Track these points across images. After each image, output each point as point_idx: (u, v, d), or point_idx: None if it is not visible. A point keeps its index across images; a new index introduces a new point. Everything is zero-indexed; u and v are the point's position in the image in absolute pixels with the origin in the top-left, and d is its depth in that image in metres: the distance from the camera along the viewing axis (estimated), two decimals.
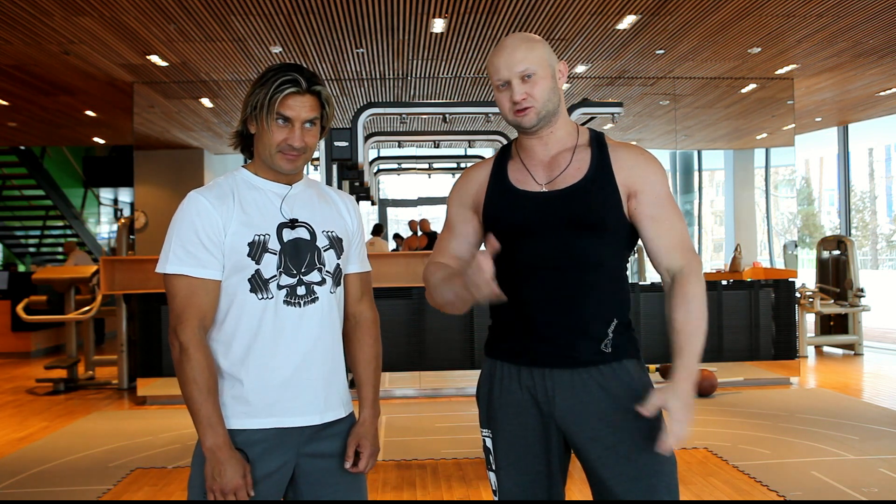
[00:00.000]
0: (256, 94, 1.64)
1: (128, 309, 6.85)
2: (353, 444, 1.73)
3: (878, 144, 24.12)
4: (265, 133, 1.65)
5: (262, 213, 1.66)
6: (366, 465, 1.73)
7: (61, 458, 4.54)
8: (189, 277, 1.60)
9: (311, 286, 1.67)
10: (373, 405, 1.79)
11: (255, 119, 1.66)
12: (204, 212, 1.62)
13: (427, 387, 6.37)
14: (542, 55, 1.65)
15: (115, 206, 16.73)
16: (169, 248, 1.62)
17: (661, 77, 8.53)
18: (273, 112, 1.63)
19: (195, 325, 1.60)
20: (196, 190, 1.67)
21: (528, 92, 1.64)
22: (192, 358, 1.58)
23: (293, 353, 1.65)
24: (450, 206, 1.82)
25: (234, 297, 1.63)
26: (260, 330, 1.63)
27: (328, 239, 1.71)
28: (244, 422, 1.63)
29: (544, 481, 1.67)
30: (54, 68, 7.57)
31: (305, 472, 1.68)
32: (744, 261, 8.20)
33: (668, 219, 1.66)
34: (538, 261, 1.63)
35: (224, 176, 1.71)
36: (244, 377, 1.63)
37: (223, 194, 1.65)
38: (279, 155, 1.65)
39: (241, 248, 1.62)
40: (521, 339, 1.65)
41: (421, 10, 6.14)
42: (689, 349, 1.59)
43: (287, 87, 1.62)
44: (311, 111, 1.65)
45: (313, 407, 1.67)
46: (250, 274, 1.62)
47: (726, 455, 4.31)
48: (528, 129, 1.68)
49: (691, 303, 1.61)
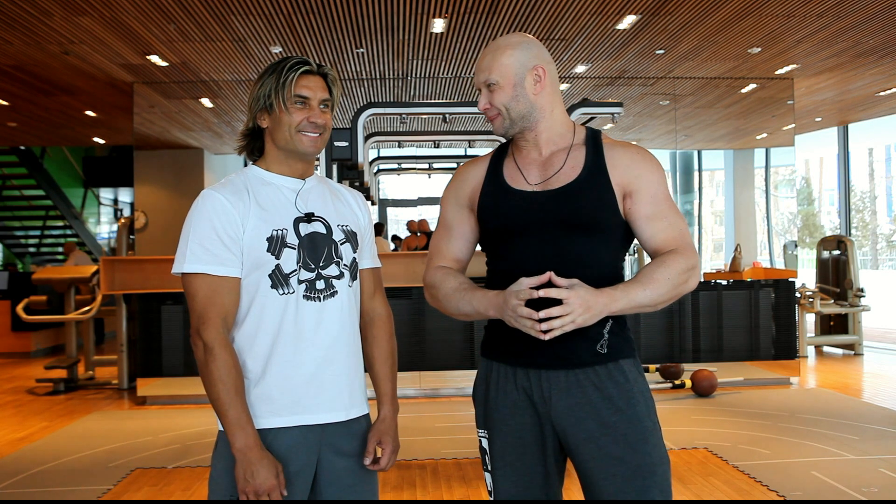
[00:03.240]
0: (266, 84, 1.64)
1: (128, 309, 6.85)
2: (373, 441, 1.72)
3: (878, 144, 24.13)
4: (283, 116, 1.64)
5: (277, 208, 1.64)
6: (387, 463, 1.73)
7: (61, 458, 4.54)
8: (210, 276, 1.58)
9: (330, 280, 1.66)
10: (392, 401, 1.78)
11: (268, 108, 1.65)
12: (221, 209, 1.59)
13: (427, 387, 6.37)
14: (507, 63, 1.65)
15: (115, 206, 16.73)
16: (186, 246, 1.59)
17: (661, 77, 8.53)
18: (290, 93, 1.63)
19: (219, 324, 1.57)
20: (210, 187, 1.65)
21: (490, 102, 1.67)
22: (217, 357, 1.56)
23: (316, 349, 1.64)
24: (445, 204, 1.81)
25: (256, 295, 1.61)
26: (282, 326, 1.61)
27: (344, 233, 1.70)
28: (270, 420, 1.61)
29: (540, 482, 1.67)
30: (54, 68, 7.57)
31: (325, 469, 1.66)
32: (744, 261, 8.21)
33: (665, 217, 1.65)
34: (532, 261, 1.62)
35: (235, 174, 1.69)
36: (268, 375, 1.61)
37: (238, 190, 1.63)
38: (300, 135, 1.65)
39: (261, 244, 1.60)
40: (517, 341, 1.64)
41: (421, 10, 6.14)
42: (631, 286, 1.57)
43: (300, 67, 1.64)
44: (325, 91, 1.67)
45: (338, 403, 1.66)
46: (270, 269, 1.61)
47: (726, 455, 4.31)
48: (500, 135, 1.71)
49: (664, 264, 1.60)
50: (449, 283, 1.69)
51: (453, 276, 1.71)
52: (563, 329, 1.50)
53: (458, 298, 1.66)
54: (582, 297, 1.50)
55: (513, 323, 1.55)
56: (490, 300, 1.60)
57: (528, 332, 1.52)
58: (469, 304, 1.64)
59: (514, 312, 1.53)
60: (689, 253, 1.63)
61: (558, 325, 1.50)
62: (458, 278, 1.70)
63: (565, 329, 1.50)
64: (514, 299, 1.53)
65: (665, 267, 1.59)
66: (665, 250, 1.64)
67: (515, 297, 1.53)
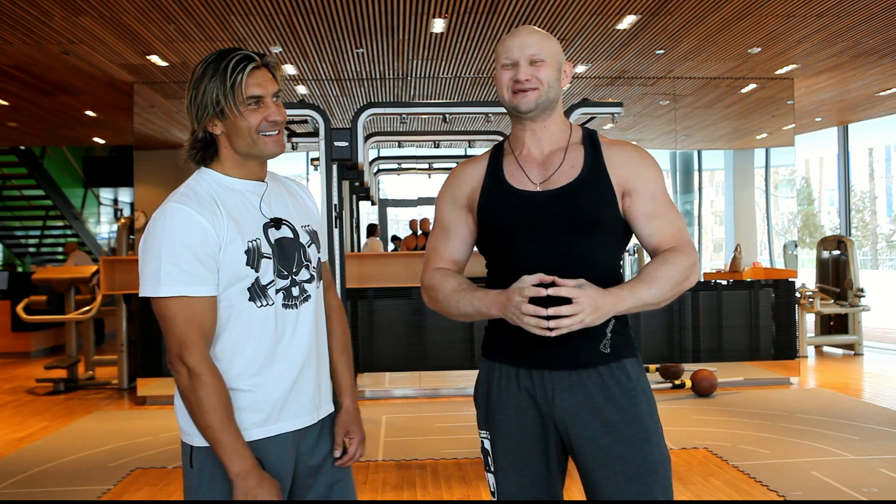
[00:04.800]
0: (211, 89, 1.52)
1: (128, 309, 6.85)
2: (340, 434, 1.70)
3: (878, 144, 24.13)
4: (239, 121, 1.53)
5: (246, 217, 1.56)
6: (355, 452, 1.71)
7: (61, 458, 4.54)
8: (188, 298, 1.48)
9: (303, 285, 1.63)
10: (352, 391, 1.77)
11: (219, 114, 1.53)
12: (196, 225, 1.49)
13: (427, 387, 6.37)
14: (554, 49, 1.69)
15: (115, 206, 16.72)
16: (159, 267, 1.47)
17: (661, 77, 8.53)
18: (241, 96, 1.52)
19: (202, 348, 1.50)
20: (174, 199, 1.52)
21: (533, 74, 1.65)
22: (206, 384, 1.48)
23: (297, 355, 1.61)
24: (441, 205, 1.80)
25: (232, 310, 1.54)
26: (262, 338, 1.56)
27: (308, 234, 1.66)
28: (255, 431, 1.56)
29: (543, 482, 1.67)
30: (54, 68, 7.57)
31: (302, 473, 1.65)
32: (744, 261, 8.21)
33: (664, 215, 1.66)
34: (534, 261, 1.62)
35: (192, 180, 1.58)
36: (252, 387, 1.56)
37: (206, 202, 1.52)
38: (262, 138, 1.55)
39: (239, 258, 1.53)
40: (519, 341, 1.64)
41: (421, 10, 6.14)
42: (637, 286, 1.57)
43: (245, 64, 1.52)
44: (273, 83, 1.57)
45: (311, 406, 1.65)
46: (249, 283, 1.54)
47: (726, 455, 4.31)
48: (523, 113, 1.67)
49: (668, 263, 1.60)
50: (448, 284, 1.68)
51: (452, 277, 1.70)
52: (570, 328, 1.50)
53: (459, 299, 1.65)
54: (591, 297, 1.50)
55: (515, 321, 1.53)
56: (492, 299, 1.59)
57: (532, 330, 1.51)
58: (470, 303, 1.63)
59: (518, 310, 1.52)
60: (689, 250, 1.64)
61: (567, 325, 1.49)
62: (457, 279, 1.70)
63: (573, 328, 1.50)
64: (518, 296, 1.52)
65: (668, 265, 1.59)
66: (664, 247, 1.64)
67: (519, 295, 1.52)
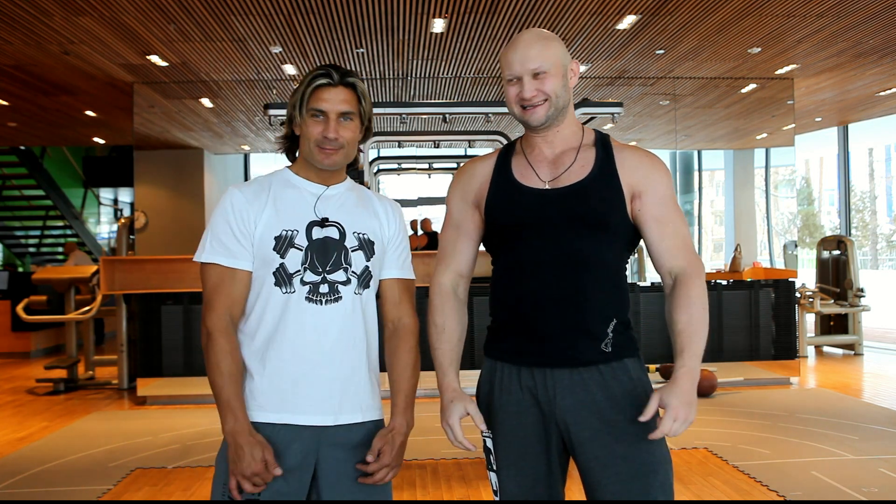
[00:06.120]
0: (295, 95, 1.70)
1: (128, 309, 6.85)
2: (376, 446, 1.67)
3: (878, 144, 24.13)
4: (304, 129, 1.69)
5: (294, 210, 1.69)
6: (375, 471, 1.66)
7: (61, 458, 4.54)
8: (219, 266, 1.66)
9: (336, 285, 1.68)
10: (403, 414, 1.73)
11: (295, 118, 1.71)
12: (238, 204, 1.67)
13: (427, 387, 6.34)
14: (556, 54, 1.66)
15: (115, 206, 16.73)
16: (205, 238, 1.69)
17: (661, 77, 8.53)
18: (307, 107, 1.67)
19: (222, 313, 1.64)
20: (234, 185, 1.74)
21: (538, 88, 1.65)
22: (216, 343, 1.61)
23: (309, 351, 1.65)
24: (451, 202, 1.80)
25: (261, 290, 1.67)
26: (281, 324, 1.65)
27: (358, 240, 1.72)
28: (256, 414, 1.63)
29: (545, 481, 1.68)
30: (54, 68, 7.57)
31: (325, 471, 1.66)
32: (744, 261, 8.20)
33: (671, 221, 1.67)
34: (539, 258, 1.63)
35: (268, 174, 1.77)
36: (260, 369, 1.65)
37: (259, 190, 1.71)
38: (317, 149, 1.69)
39: (268, 242, 1.66)
40: (521, 340, 1.65)
41: (421, 10, 6.14)
42: (690, 349, 1.59)
43: (318, 80, 1.67)
44: (344, 104, 1.68)
45: (327, 407, 1.66)
46: (275, 267, 1.66)
47: (726, 455, 4.31)
48: (535, 126, 1.68)
49: (693, 305, 1.61)
50: (447, 337, 1.73)
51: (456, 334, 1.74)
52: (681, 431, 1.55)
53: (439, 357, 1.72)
54: (679, 400, 1.54)
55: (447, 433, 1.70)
56: (443, 391, 1.71)
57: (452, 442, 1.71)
58: (439, 366, 1.72)
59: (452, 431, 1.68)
60: (697, 267, 1.66)
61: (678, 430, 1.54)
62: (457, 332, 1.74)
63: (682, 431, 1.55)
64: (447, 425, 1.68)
65: (698, 303, 1.62)
66: (669, 257, 1.66)
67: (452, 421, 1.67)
